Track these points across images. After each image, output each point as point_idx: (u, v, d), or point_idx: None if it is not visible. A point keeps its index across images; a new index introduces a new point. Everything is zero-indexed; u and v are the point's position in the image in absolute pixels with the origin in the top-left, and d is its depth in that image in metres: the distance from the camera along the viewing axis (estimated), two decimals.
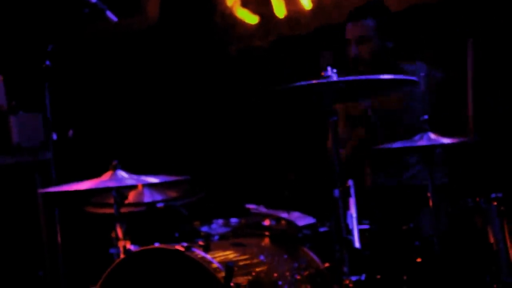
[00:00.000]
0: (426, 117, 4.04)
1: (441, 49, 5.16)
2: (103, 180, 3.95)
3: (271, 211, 4.13)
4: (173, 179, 4.11)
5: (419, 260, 4.03)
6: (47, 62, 4.26)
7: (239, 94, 5.67)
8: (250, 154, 5.77)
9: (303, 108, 4.80)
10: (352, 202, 3.73)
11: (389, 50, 4.68)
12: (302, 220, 4.06)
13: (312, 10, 5.73)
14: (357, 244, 3.68)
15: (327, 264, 3.97)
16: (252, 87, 5.46)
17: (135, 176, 3.99)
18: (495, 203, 3.96)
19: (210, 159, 5.88)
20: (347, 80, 3.73)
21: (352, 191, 3.74)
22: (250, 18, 5.97)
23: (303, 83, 3.67)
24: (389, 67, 4.61)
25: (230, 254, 3.85)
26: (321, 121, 4.53)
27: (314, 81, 3.68)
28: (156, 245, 3.80)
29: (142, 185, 4.52)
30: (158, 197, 4.56)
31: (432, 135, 4.00)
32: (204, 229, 4.11)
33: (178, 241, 3.88)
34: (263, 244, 4.03)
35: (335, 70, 3.72)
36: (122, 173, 3.97)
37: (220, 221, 4.18)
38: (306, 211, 4.14)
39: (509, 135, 4.76)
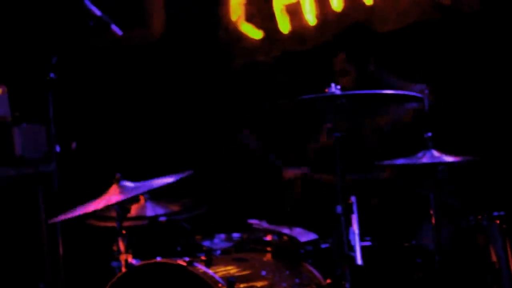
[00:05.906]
0: (429, 134, 4.03)
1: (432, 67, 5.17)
2: (109, 197, 3.92)
3: (273, 227, 4.12)
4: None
5: (420, 276, 4.03)
6: (51, 74, 4.27)
7: (243, 108, 5.67)
8: (253, 169, 5.76)
9: (306, 123, 4.80)
10: (354, 218, 3.72)
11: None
12: (304, 236, 4.06)
13: (316, 26, 5.74)
14: (359, 261, 3.68)
15: (329, 280, 3.96)
16: (256, 102, 5.46)
17: (139, 184, 3.96)
18: (498, 221, 3.96)
19: (212, 174, 5.87)
20: (348, 94, 3.73)
21: (354, 207, 3.73)
22: (254, 33, 5.98)
23: (305, 97, 3.67)
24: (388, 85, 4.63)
25: (232, 269, 3.84)
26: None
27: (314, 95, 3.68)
28: (158, 259, 3.79)
29: (144, 199, 4.52)
30: (160, 211, 4.55)
31: (435, 153, 4.00)
32: (206, 243, 4.10)
33: (180, 256, 3.87)
34: (265, 259, 4.02)
35: (338, 87, 3.72)
36: (126, 184, 3.95)
37: (222, 235, 4.17)
38: (308, 227, 4.14)
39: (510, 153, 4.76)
